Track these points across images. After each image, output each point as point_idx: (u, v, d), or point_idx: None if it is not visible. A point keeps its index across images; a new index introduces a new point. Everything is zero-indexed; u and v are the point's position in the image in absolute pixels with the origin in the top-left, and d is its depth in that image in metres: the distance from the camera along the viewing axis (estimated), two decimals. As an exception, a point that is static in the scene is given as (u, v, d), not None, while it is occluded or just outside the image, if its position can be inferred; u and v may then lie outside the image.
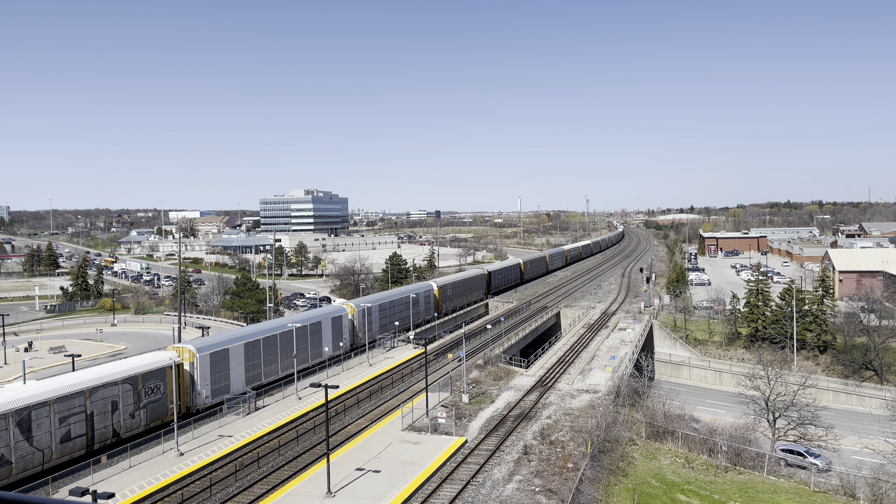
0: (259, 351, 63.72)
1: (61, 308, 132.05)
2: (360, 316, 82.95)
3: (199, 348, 56.64)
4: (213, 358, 57.50)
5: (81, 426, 45.75)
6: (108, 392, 48.00)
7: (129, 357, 61.14)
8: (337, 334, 76.98)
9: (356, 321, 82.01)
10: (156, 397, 51.91)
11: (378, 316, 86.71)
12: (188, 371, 55.92)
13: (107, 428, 47.72)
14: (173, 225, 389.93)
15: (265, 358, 64.49)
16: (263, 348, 64.22)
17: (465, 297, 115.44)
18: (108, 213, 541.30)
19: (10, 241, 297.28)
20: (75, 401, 45.34)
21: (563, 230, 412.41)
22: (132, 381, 50.02)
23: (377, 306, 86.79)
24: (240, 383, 60.66)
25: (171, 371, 53.56)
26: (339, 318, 77.96)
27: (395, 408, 57.81)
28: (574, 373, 70.79)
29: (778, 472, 49.65)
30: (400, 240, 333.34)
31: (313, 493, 39.91)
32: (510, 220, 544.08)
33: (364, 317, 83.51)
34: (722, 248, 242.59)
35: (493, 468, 44.17)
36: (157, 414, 52.05)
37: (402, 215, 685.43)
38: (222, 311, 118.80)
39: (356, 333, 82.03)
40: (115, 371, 49.87)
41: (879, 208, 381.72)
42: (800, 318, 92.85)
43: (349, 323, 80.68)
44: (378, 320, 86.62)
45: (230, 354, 59.71)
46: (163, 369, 52.90)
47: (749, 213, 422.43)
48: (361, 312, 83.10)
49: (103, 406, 47.57)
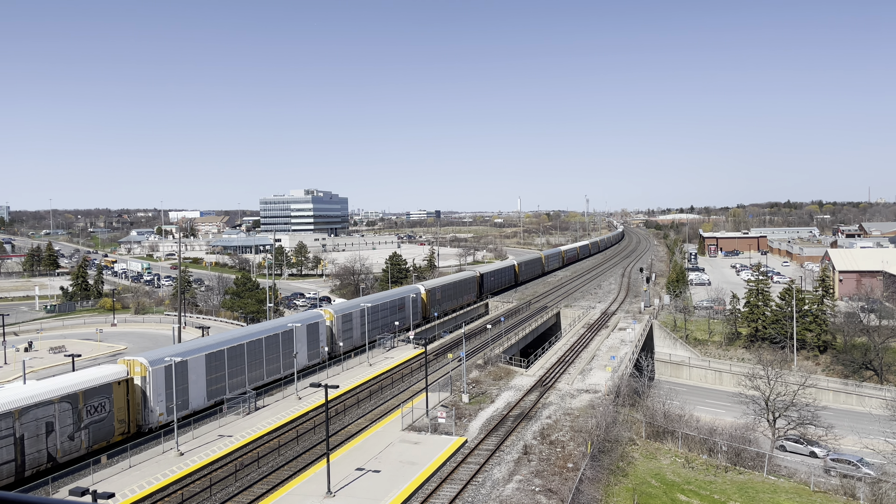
0: (223, 362, 58.80)
1: (61, 308, 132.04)
2: (339, 322, 78.15)
3: (152, 361, 51.99)
4: (170, 371, 52.57)
5: (9, 451, 41.37)
6: (41, 412, 43.47)
7: (69, 372, 55.63)
8: (313, 342, 72.32)
9: (335, 327, 77.37)
10: (100, 416, 47.21)
11: (359, 322, 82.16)
12: (139, 386, 51.17)
13: (40, 452, 43.32)
14: (173, 225, 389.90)
15: (230, 370, 59.64)
16: (228, 359, 59.40)
17: (455, 300, 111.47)
18: (108, 213, 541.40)
19: (10, 241, 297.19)
20: (1, 423, 41.04)
21: (563, 230, 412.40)
22: (71, 399, 45.46)
23: (358, 312, 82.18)
24: (200, 398, 56.14)
25: (118, 387, 49.03)
26: (314, 325, 72.87)
27: (395, 408, 57.81)
28: (574, 373, 70.79)
29: (778, 471, 49.65)
30: (400, 240, 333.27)
31: (313, 492, 39.91)
32: (510, 220, 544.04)
33: (343, 323, 78.98)
34: (722, 248, 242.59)
35: (493, 468, 44.17)
36: (101, 435, 47.40)
37: (402, 215, 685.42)
38: (222, 311, 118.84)
39: (335, 341, 77.38)
40: (51, 388, 45.26)
41: (879, 208, 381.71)
42: (800, 318, 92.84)
43: (327, 330, 75.90)
44: (359, 326, 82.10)
45: (189, 367, 54.85)
46: (108, 385, 48.17)
47: (749, 213, 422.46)
48: (340, 318, 78.44)
49: (36, 428, 43.06)
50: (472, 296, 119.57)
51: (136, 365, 51.56)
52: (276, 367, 66.10)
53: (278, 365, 66.31)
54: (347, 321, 79.85)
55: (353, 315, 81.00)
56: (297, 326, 68.81)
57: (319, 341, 73.52)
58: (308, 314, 76.20)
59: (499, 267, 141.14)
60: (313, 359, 72.45)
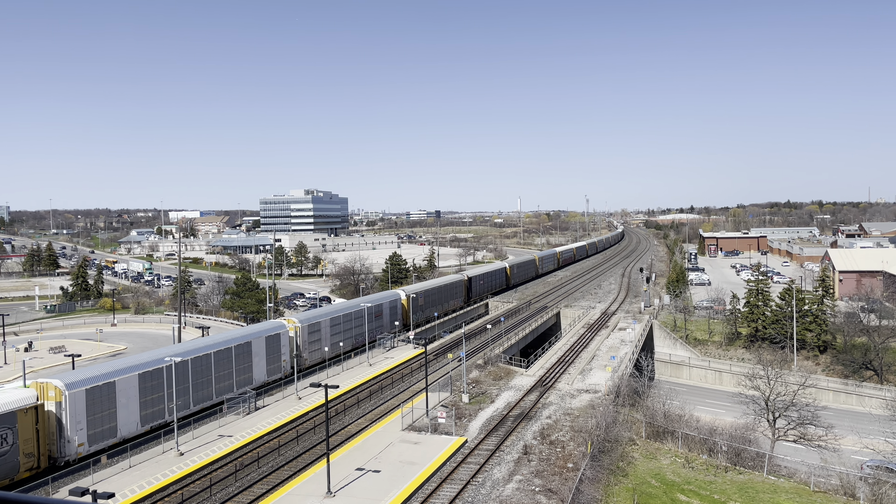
0: (161, 382, 52.17)
1: (61, 308, 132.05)
2: (305, 332, 71.73)
3: (70, 384, 45.33)
4: (92, 395, 46.37)
5: None
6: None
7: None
8: (273, 356, 66.01)
9: (300, 339, 71.00)
10: (1, 450, 40.99)
11: (328, 332, 75.69)
12: (54, 413, 44.63)
13: None
14: (173, 225, 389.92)
15: (172, 390, 52.43)
16: (168, 378, 52.53)
17: (440, 306, 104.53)
18: (108, 213, 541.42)
19: (10, 241, 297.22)
20: None
21: (563, 230, 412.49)
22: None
23: (328, 321, 75.76)
24: (132, 423, 49.60)
25: (24, 416, 42.39)
26: (275, 336, 66.56)
27: (395, 408, 57.82)
28: (574, 373, 70.80)
29: (778, 471, 49.65)
30: (400, 240, 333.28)
31: (313, 492, 39.92)
32: (510, 220, 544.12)
33: (310, 333, 72.66)
34: (722, 248, 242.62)
35: (493, 468, 44.18)
36: (2, 471, 41.09)
37: (402, 215, 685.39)
38: (222, 310, 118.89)
39: (300, 353, 70.82)
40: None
41: (879, 208, 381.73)
42: (800, 318, 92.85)
43: (290, 341, 69.64)
44: (330, 337, 75.73)
45: (118, 389, 48.31)
46: (11, 414, 41.59)
47: (749, 212, 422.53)
48: (307, 328, 72.06)
49: None
50: (460, 300, 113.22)
51: (49, 389, 44.92)
52: (228, 385, 59.44)
53: (230, 382, 59.65)
54: (315, 331, 73.44)
55: (321, 324, 74.56)
56: (254, 339, 63.29)
57: (281, 354, 67.26)
58: (268, 325, 69.69)
59: (488, 270, 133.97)
60: (274, 374, 66.06)
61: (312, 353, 73.19)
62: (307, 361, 72.21)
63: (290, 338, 69.66)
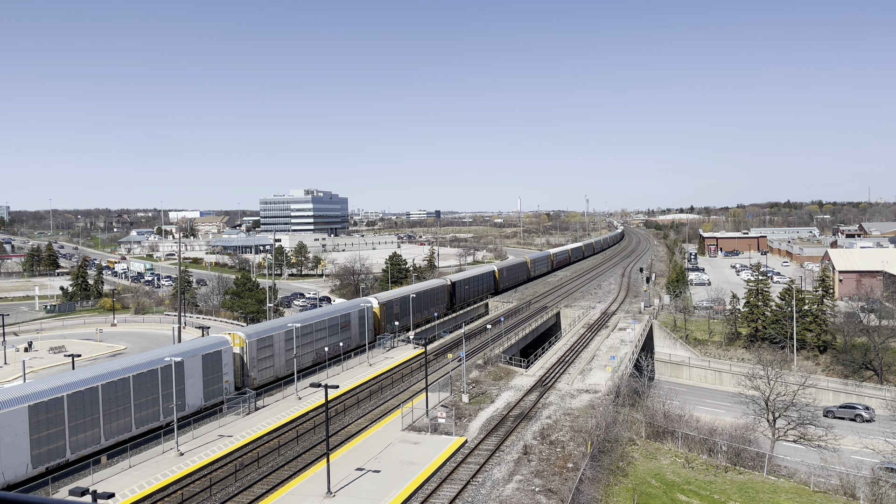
0: (62, 414, 44.22)
1: (61, 308, 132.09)
2: (254, 348, 63.59)
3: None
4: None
5: None
6: None
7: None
8: (213, 376, 58.03)
9: (247, 355, 62.96)
10: None
11: (283, 347, 67.92)
12: None
13: None
14: (173, 225, 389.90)
15: (75, 422, 44.83)
16: (71, 409, 44.66)
17: (419, 313, 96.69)
18: (108, 213, 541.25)
19: (10, 241, 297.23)
20: None
21: (563, 230, 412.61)
22: None
23: (282, 334, 67.82)
24: (20, 465, 41.67)
25: None
26: (215, 354, 58.30)
27: (395, 408, 57.83)
28: (574, 373, 70.82)
29: (778, 471, 49.66)
30: (400, 240, 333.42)
31: (313, 492, 39.93)
32: (510, 220, 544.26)
33: (260, 349, 64.51)
34: (722, 248, 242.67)
35: (493, 468, 44.19)
36: None
37: (402, 215, 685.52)
38: (222, 311, 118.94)
39: (247, 372, 62.96)
40: None
41: (879, 208, 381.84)
42: (800, 318, 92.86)
43: (234, 359, 61.99)
44: (284, 353, 67.92)
45: (1, 425, 40.64)
46: None
47: (749, 213, 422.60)
48: (255, 344, 63.86)
49: None
50: (442, 307, 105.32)
51: None
52: (153, 413, 51.60)
53: (156, 410, 51.82)
54: (266, 346, 65.41)
55: (273, 338, 66.59)
56: (187, 358, 55.07)
57: (223, 374, 59.21)
58: (207, 341, 61.42)
59: (474, 273, 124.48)
60: (213, 397, 57.98)
61: (263, 372, 65.02)
62: (256, 381, 63.64)
63: (234, 355, 61.98)
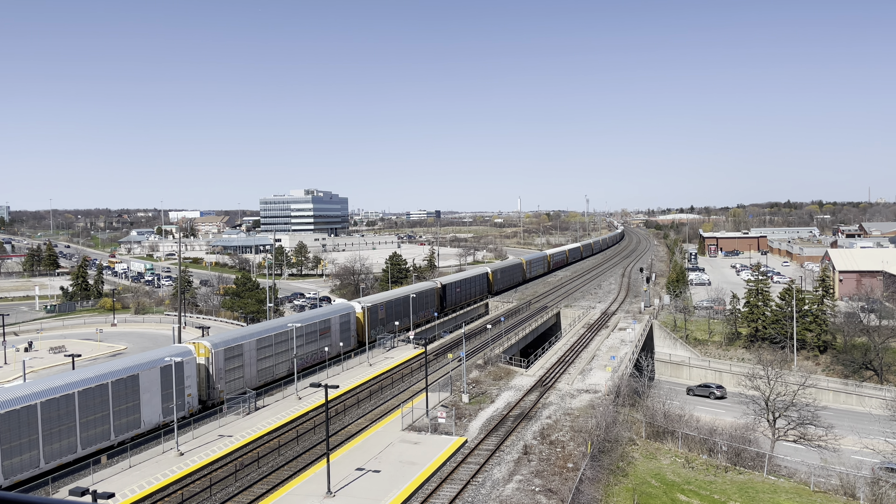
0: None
1: (61, 308, 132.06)
2: (220, 358, 59.04)
3: None
4: None
5: None
6: None
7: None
8: (172, 391, 53.47)
9: (213, 367, 58.21)
10: None
11: (254, 356, 63.64)
12: None
13: None
14: (173, 225, 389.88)
15: (10, 445, 41.24)
16: (4, 430, 41.09)
17: (407, 318, 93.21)
18: (108, 213, 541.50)
19: (10, 241, 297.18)
20: None
21: (563, 230, 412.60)
22: None
23: (252, 343, 63.59)
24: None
25: None
26: (176, 366, 53.51)
27: (395, 408, 57.83)
28: (574, 373, 70.80)
29: (778, 471, 49.66)
30: (400, 240, 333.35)
31: (313, 492, 39.93)
32: (510, 220, 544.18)
33: (227, 360, 60.11)
34: (722, 248, 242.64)
35: (493, 468, 44.18)
36: None
37: (402, 215, 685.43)
38: (222, 310, 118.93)
39: (213, 385, 58.31)
40: None
41: (879, 208, 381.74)
42: (800, 318, 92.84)
43: (199, 371, 57.65)
44: (254, 363, 63.71)
45: None
46: None
47: (749, 213, 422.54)
48: (222, 354, 59.29)
49: None
50: (432, 311, 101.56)
51: None
52: (103, 432, 47.54)
53: (106, 428, 47.78)
54: (234, 357, 60.98)
55: (244, 347, 62.32)
56: (143, 371, 50.86)
57: (185, 388, 54.93)
58: (167, 351, 56.77)
59: (466, 276, 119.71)
60: (171, 413, 52.86)
61: (232, 383, 60.65)
62: (224, 394, 59.30)
63: (197, 366, 57.51)
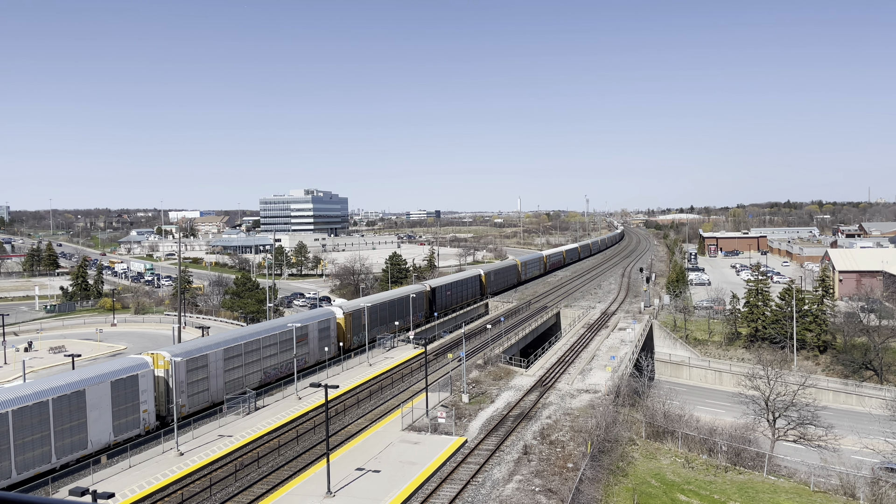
0: None
1: (61, 308, 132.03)
2: (182, 370, 54.19)
3: None
4: None
5: None
6: None
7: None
8: (126, 406, 49.20)
9: (172, 379, 53.12)
10: None
11: (220, 367, 58.69)
12: None
13: None
14: (173, 225, 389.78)
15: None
16: None
17: (392, 324, 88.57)
18: (108, 213, 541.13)
19: (10, 241, 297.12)
20: None
21: (563, 230, 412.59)
22: None
23: (219, 353, 58.66)
24: None
25: None
26: (129, 379, 49.37)
27: (395, 408, 57.83)
28: (574, 373, 70.80)
29: (778, 471, 49.66)
30: (400, 240, 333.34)
31: (313, 492, 39.93)
32: (510, 220, 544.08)
33: (189, 371, 55.23)
34: (722, 248, 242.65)
35: (493, 468, 44.18)
36: None
37: (402, 215, 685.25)
38: (222, 310, 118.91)
39: (173, 399, 52.62)
40: None
41: (879, 208, 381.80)
42: (800, 318, 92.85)
43: (157, 384, 52.87)
44: (220, 374, 58.73)
45: None
46: None
47: (749, 213, 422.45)
48: (183, 365, 54.44)
49: None
50: (420, 316, 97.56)
51: None
52: (42, 454, 43.13)
53: (46, 449, 43.37)
54: (197, 368, 56.23)
55: (208, 358, 57.60)
56: (90, 387, 46.12)
57: (140, 403, 50.58)
58: (119, 364, 51.77)
59: (457, 279, 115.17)
60: (127, 430, 49.38)
61: (196, 397, 56.17)
62: (186, 408, 54.96)
63: (155, 379, 52.86)
